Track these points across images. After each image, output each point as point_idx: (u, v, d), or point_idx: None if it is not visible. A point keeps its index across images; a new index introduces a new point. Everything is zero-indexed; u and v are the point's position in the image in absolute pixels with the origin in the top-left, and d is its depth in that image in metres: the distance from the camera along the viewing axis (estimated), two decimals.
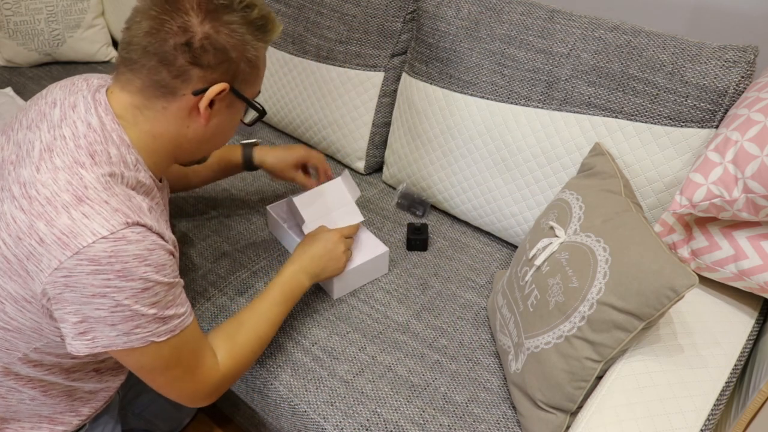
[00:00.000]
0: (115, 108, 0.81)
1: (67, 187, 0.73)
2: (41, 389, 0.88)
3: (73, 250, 0.70)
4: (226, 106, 0.84)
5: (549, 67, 1.18)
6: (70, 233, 0.70)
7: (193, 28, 0.77)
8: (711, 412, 0.81)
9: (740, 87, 1.01)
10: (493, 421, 0.98)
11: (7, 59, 2.02)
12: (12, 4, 1.92)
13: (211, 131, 0.86)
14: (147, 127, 0.82)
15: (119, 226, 0.72)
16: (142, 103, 0.80)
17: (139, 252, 0.73)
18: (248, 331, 0.94)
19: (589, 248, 0.90)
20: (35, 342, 0.81)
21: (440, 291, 1.22)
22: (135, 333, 0.75)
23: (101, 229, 0.71)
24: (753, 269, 0.92)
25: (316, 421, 0.99)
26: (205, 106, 0.81)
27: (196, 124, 0.83)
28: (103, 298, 0.72)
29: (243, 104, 0.87)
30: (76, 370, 0.90)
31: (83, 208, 0.72)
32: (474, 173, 1.31)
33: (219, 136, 0.89)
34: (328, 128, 1.56)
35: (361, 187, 1.53)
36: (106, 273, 0.71)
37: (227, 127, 0.89)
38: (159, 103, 0.80)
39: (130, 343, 0.76)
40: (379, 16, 1.43)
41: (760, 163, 0.86)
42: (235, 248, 1.30)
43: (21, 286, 0.75)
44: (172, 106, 0.81)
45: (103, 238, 0.70)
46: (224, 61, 0.80)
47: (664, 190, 1.09)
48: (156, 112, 0.81)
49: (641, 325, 0.83)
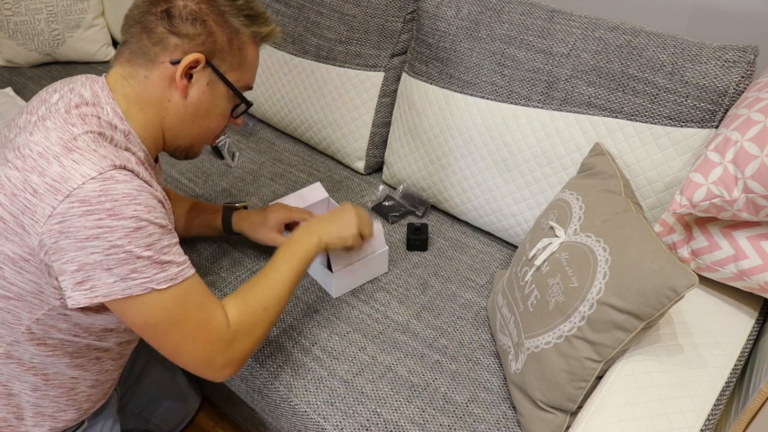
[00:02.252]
0: (109, 83, 0.85)
1: (57, 141, 0.76)
2: (43, 377, 0.88)
3: (65, 194, 0.72)
4: (206, 83, 0.87)
5: (549, 67, 1.18)
6: (61, 179, 0.72)
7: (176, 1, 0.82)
8: (711, 412, 0.81)
9: (740, 87, 1.01)
10: (493, 421, 0.98)
11: (7, 59, 2.02)
12: (12, 4, 1.92)
13: (193, 109, 0.88)
14: (133, 97, 0.85)
15: (107, 168, 0.74)
16: (128, 72, 0.85)
17: (128, 191, 0.74)
18: (260, 288, 0.91)
19: (589, 248, 0.90)
20: (37, 310, 0.81)
21: (440, 291, 1.22)
22: (132, 278, 0.75)
23: (90, 171, 0.73)
24: (753, 269, 0.92)
25: (316, 421, 0.99)
26: (181, 75, 0.83)
27: (176, 97, 0.86)
28: (97, 240, 0.72)
29: (226, 88, 0.89)
30: (79, 356, 0.89)
31: (73, 156, 0.74)
32: (474, 173, 1.31)
33: (201, 117, 0.90)
34: (328, 128, 1.56)
35: (361, 187, 1.53)
36: (98, 213, 0.72)
37: (209, 109, 0.90)
38: (141, 71, 0.84)
39: (129, 290, 0.75)
40: (379, 16, 1.43)
41: (760, 163, 0.86)
42: (235, 248, 1.30)
43: (18, 245, 0.76)
44: (153, 75, 0.84)
45: (92, 178, 0.72)
46: (202, 33, 0.83)
47: (664, 190, 1.09)
48: (139, 82, 0.85)
49: (641, 325, 0.83)
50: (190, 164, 1.58)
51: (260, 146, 1.67)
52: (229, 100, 0.91)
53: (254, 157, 1.62)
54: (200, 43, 0.84)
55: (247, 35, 0.88)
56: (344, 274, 1.17)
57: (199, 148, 0.96)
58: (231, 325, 0.85)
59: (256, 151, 1.65)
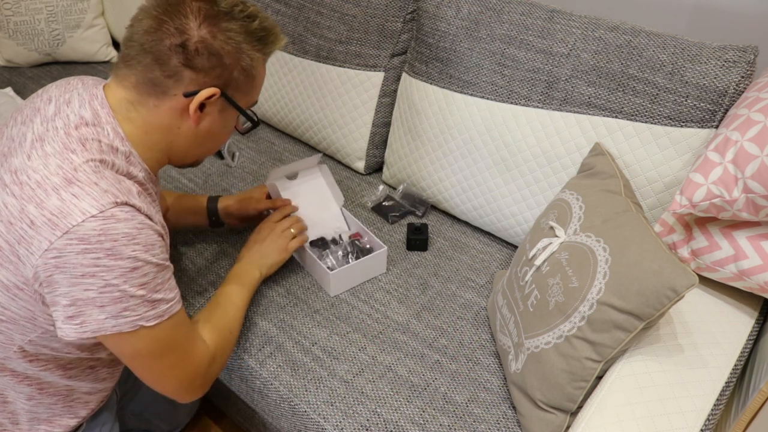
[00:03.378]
0: (110, 102, 0.82)
1: (57, 171, 0.74)
2: (37, 387, 0.88)
3: (63, 230, 0.71)
4: (217, 111, 0.86)
5: (549, 67, 1.18)
6: (60, 214, 0.71)
7: (190, 31, 0.79)
8: (711, 413, 0.81)
9: (740, 87, 1.01)
10: (493, 421, 0.98)
11: (7, 59, 2.02)
12: (12, 4, 1.92)
13: (203, 134, 0.87)
14: (140, 123, 0.83)
15: (108, 205, 0.73)
16: (135, 98, 0.82)
17: (128, 231, 0.73)
18: (222, 314, 0.98)
19: (589, 248, 0.90)
20: (30, 333, 0.81)
21: (440, 291, 1.22)
22: (123, 316, 0.75)
23: (90, 208, 0.72)
24: (753, 269, 0.92)
25: (316, 421, 0.99)
26: (195, 108, 0.82)
27: (187, 125, 0.85)
28: (92, 278, 0.72)
29: (236, 111, 0.88)
30: (72, 367, 0.90)
31: (73, 189, 0.73)
32: (474, 173, 1.31)
33: (211, 140, 0.90)
34: (328, 128, 1.56)
35: (361, 187, 1.53)
36: (96, 252, 0.71)
37: (219, 132, 0.90)
38: (151, 100, 0.82)
39: (119, 326, 0.75)
40: (379, 16, 1.43)
41: (760, 163, 0.86)
42: (236, 248, 1.30)
43: (13, 273, 0.75)
44: (164, 105, 0.82)
45: (92, 216, 0.71)
46: (217, 66, 0.81)
47: (664, 190, 1.09)
48: (148, 109, 0.82)
49: (641, 325, 0.83)
50: None
51: (260, 146, 1.67)
52: (234, 118, 0.91)
53: (254, 157, 1.62)
54: (216, 77, 0.82)
55: (259, 59, 0.86)
56: (342, 274, 1.17)
57: (204, 159, 0.97)
58: (209, 348, 0.90)
59: (256, 151, 1.65)
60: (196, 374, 0.87)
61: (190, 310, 1.16)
